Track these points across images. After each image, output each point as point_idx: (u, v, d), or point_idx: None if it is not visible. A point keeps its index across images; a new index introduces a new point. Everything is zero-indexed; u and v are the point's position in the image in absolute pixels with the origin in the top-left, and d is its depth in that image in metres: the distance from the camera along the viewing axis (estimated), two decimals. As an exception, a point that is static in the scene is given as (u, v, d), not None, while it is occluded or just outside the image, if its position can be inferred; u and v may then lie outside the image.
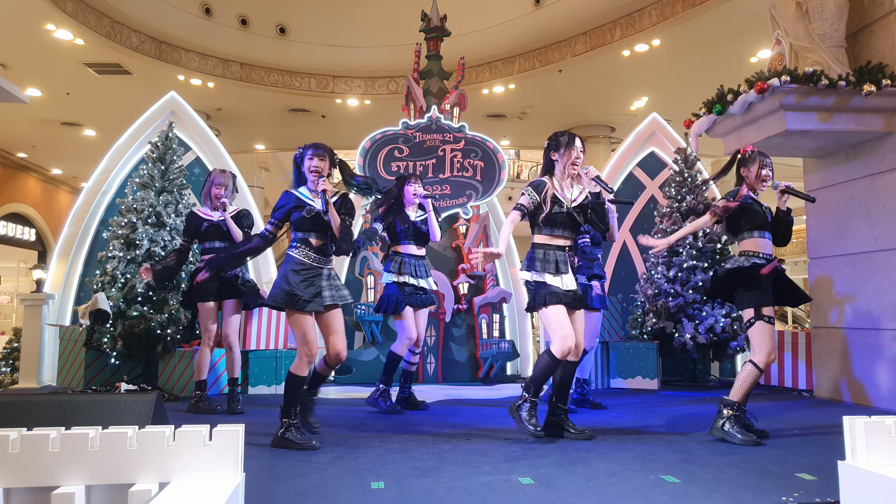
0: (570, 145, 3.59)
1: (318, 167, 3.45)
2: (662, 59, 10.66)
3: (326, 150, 3.53)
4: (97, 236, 6.88)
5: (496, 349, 6.54)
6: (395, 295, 4.58)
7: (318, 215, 3.40)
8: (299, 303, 3.32)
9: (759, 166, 3.70)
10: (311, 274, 3.39)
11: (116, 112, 12.18)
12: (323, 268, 3.45)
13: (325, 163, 3.47)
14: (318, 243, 3.43)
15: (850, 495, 1.95)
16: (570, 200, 3.58)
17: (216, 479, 1.68)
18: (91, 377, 5.67)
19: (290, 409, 3.40)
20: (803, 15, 4.86)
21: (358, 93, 12.82)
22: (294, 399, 3.41)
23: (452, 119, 7.06)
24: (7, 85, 4.92)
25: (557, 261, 3.50)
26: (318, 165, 3.45)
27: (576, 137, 3.64)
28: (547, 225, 3.55)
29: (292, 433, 3.35)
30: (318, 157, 3.47)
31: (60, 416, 2.40)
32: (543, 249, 3.53)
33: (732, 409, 3.51)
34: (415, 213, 4.73)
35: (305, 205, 3.43)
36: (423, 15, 7.32)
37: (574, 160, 3.58)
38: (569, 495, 2.50)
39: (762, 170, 3.70)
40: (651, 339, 6.23)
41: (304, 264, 3.39)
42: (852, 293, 5.15)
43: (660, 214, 6.61)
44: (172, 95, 7.24)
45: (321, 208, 3.41)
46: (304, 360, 3.36)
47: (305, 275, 3.37)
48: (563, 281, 3.49)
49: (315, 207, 3.42)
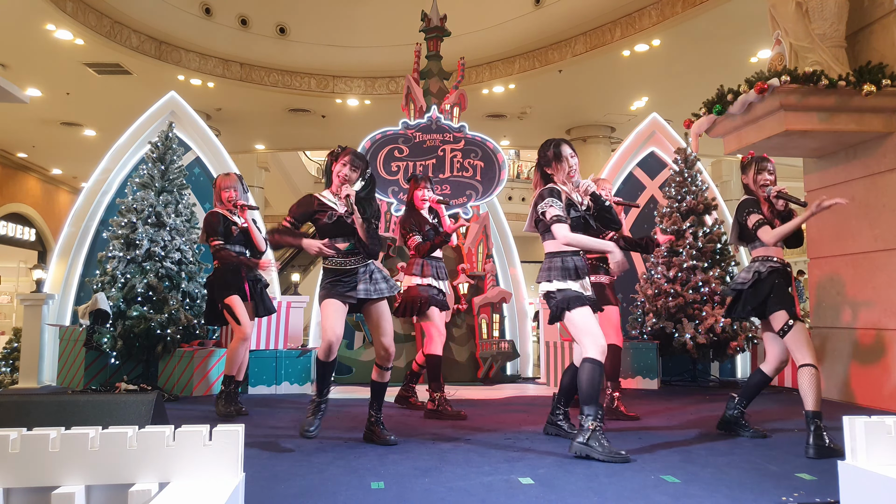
0: (559, 157, 3.45)
1: (349, 177, 3.44)
2: (662, 59, 10.65)
3: (363, 161, 3.51)
4: (97, 236, 6.88)
5: (496, 349, 6.54)
6: (418, 297, 4.48)
7: (341, 219, 3.40)
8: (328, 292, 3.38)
9: (756, 171, 3.63)
10: (344, 276, 3.41)
11: (116, 112, 12.18)
12: (358, 266, 3.44)
13: (357, 174, 3.46)
14: (345, 246, 3.43)
15: (849, 495, 1.95)
16: (580, 203, 3.48)
17: (216, 479, 1.68)
18: (91, 377, 5.67)
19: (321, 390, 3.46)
20: (803, 15, 4.86)
21: (358, 93, 12.82)
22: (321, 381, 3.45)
23: (452, 119, 7.06)
24: (7, 85, 4.92)
25: (577, 266, 3.38)
26: (349, 175, 3.44)
27: (562, 145, 3.50)
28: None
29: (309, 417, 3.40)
30: (353, 166, 3.46)
31: (60, 416, 2.40)
32: (560, 257, 3.38)
33: (819, 419, 3.27)
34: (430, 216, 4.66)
35: (327, 210, 3.41)
36: (423, 15, 7.32)
37: (569, 171, 3.47)
38: (569, 495, 2.50)
39: (759, 175, 3.62)
40: (651, 339, 6.23)
41: (333, 272, 3.42)
42: (852, 293, 5.14)
43: (660, 214, 6.62)
44: (172, 95, 7.24)
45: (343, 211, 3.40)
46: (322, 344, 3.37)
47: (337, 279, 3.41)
48: (582, 285, 3.38)
49: (337, 211, 3.41)
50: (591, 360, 3.22)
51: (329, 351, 3.34)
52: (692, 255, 6.19)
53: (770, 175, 3.63)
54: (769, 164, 3.66)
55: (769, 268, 3.51)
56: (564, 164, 3.45)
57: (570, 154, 3.49)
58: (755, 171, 3.64)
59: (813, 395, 3.30)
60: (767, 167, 3.64)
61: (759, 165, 3.64)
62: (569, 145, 3.53)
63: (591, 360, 3.23)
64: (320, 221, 3.41)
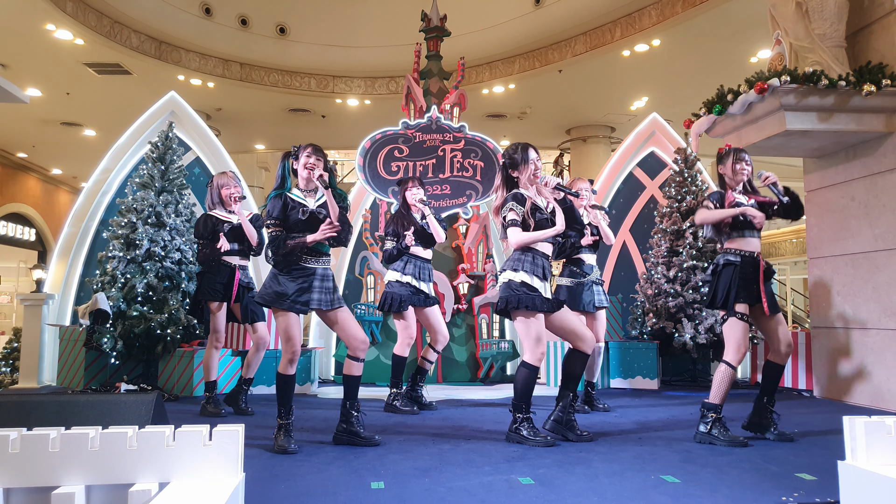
0: (525, 161, 3.57)
1: (315, 164, 3.47)
2: (662, 59, 10.65)
3: (323, 153, 3.58)
4: (97, 236, 6.88)
5: (496, 349, 6.54)
6: (398, 294, 4.62)
7: (313, 215, 3.42)
8: (285, 302, 3.34)
9: (734, 161, 3.69)
10: (304, 274, 3.40)
11: (116, 112, 12.18)
12: (318, 267, 3.45)
13: (321, 164, 3.49)
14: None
15: (850, 495, 1.95)
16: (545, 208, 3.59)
17: (216, 479, 1.68)
18: (91, 377, 5.67)
19: (281, 410, 3.40)
20: (803, 15, 4.86)
21: (358, 93, 12.82)
22: (283, 399, 3.40)
23: (452, 119, 7.06)
24: (7, 85, 4.92)
25: (545, 266, 3.54)
26: (315, 164, 3.47)
27: (529, 149, 3.61)
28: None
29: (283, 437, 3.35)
30: (317, 156, 3.49)
31: (60, 416, 2.40)
32: (532, 254, 3.53)
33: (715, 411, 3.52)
34: (419, 216, 4.77)
35: (300, 206, 3.43)
36: (423, 15, 7.32)
37: (534, 173, 3.58)
38: (569, 495, 2.50)
39: (737, 164, 3.68)
40: (651, 339, 6.23)
41: (297, 266, 3.40)
42: (852, 293, 5.14)
43: (660, 214, 6.61)
44: (172, 95, 7.24)
45: (313, 207, 3.43)
46: (287, 358, 3.38)
47: (297, 275, 3.38)
48: (545, 288, 3.53)
49: (309, 207, 3.44)
50: (529, 367, 3.51)
51: (293, 364, 3.40)
52: (692, 255, 6.19)
53: (748, 166, 3.71)
54: (746, 154, 3.74)
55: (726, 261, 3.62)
56: (530, 167, 3.59)
57: (535, 158, 3.63)
58: (733, 160, 3.71)
59: (717, 391, 3.54)
60: (745, 158, 3.72)
61: (737, 156, 3.71)
62: (534, 150, 3.67)
63: (529, 365, 3.51)
64: (291, 219, 3.40)
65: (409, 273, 4.66)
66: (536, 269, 3.50)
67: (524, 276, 3.47)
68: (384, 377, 6.40)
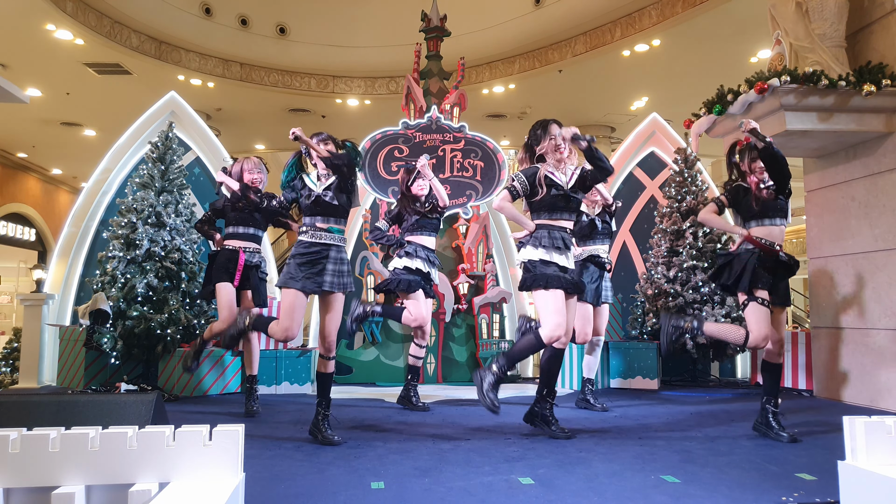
0: (546, 134, 3.63)
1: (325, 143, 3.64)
2: (662, 59, 10.65)
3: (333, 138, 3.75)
4: (97, 236, 6.88)
5: (496, 349, 6.54)
6: (407, 277, 4.63)
7: (319, 198, 3.50)
8: (296, 280, 3.42)
9: (751, 159, 3.72)
10: (318, 256, 3.48)
11: (116, 112, 12.17)
12: (331, 246, 3.51)
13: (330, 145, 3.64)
14: (325, 225, 3.52)
15: (850, 495, 1.95)
16: (566, 182, 3.60)
17: (216, 479, 1.68)
18: (91, 377, 5.67)
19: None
20: (803, 15, 4.86)
21: (358, 93, 12.82)
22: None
23: (452, 119, 7.06)
24: (7, 85, 4.92)
25: (563, 238, 3.58)
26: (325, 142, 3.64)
27: (551, 124, 3.66)
28: (546, 209, 3.60)
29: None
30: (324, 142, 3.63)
31: (60, 416, 2.40)
32: (548, 229, 3.58)
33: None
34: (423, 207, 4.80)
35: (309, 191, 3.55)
36: (423, 15, 7.32)
37: (556, 147, 3.61)
38: (569, 495, 2.50)
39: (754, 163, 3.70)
40: (651, 339, 6.23)
41: (311, 244, 3.48)
42: (852, 293, 5.14)
43: (660, 214, 6.62)
44: (172, 95, 7.24)
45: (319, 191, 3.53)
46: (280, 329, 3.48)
47: (310, 256, 3.47)
48: (567, 259, 3.57)
49: (315, 192, 3.52)
50: (538, 337, 3.49)
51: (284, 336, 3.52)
52: (692, 255, 6.19)
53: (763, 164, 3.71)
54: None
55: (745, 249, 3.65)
56: (552, 141, 3.62)
57: (557, 133, 3.65)
58: (750, 158, 3.73)
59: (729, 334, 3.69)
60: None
61: (754, 154, 3.72)
62: (558, 125, 3.69)
63: (538, 336, 3.49)
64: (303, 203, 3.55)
65: (420, 257, 4.67)
66: (555, 241, 3.54)
67: (541, 252, 3.53)
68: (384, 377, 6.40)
